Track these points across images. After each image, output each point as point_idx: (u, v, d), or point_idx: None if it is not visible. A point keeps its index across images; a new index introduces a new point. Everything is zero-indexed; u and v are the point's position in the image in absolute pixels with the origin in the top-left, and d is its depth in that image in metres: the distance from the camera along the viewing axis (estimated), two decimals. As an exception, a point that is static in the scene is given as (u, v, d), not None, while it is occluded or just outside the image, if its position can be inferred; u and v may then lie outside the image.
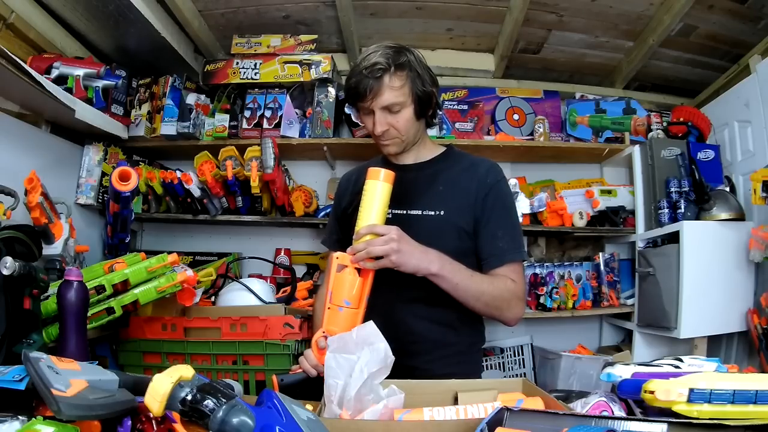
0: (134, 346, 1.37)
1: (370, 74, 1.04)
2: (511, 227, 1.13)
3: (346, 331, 0.89)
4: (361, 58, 1.09)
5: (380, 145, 1.14)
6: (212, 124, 2.05)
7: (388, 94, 1.05)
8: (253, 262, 2.14)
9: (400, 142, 1.12)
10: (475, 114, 2.31)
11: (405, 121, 1.09)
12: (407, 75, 1.07)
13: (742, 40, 2.00)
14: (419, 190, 1.15)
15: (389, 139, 1.11)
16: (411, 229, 1.03)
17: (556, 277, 2.09)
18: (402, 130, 1.10)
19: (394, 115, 1.08)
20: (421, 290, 1.06)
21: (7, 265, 0.88)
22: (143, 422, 0.64)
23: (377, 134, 1.09)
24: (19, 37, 1.58)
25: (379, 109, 1.07)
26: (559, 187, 2.24)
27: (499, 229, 1.10)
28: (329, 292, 0.97)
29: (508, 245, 1.09)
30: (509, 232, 1.11)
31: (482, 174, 1.14)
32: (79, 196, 1.84)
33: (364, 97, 1.06)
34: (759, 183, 1.56)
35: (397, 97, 1.06)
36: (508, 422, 0.63)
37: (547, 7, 1.92)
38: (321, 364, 0.90)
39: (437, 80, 1.16)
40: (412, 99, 1.08)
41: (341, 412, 0.74)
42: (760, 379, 0.64)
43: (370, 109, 1.08)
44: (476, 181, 1.13)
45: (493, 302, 1.07)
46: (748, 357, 1.79)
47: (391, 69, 1.05)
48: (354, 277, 0.97)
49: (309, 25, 2.08)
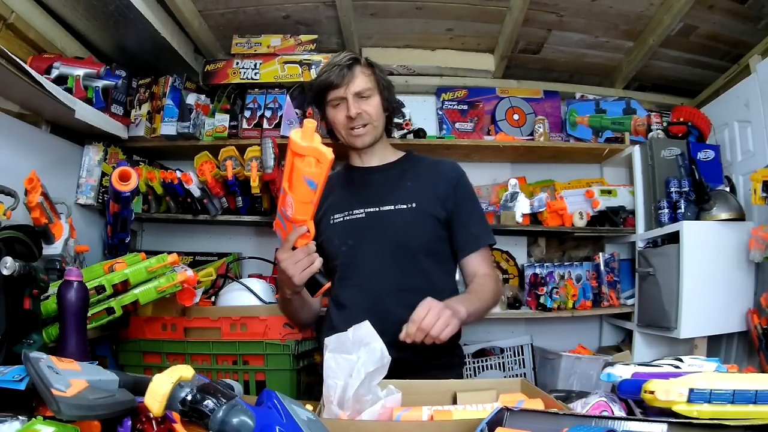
0: (134, 346, 1.37)
1: (343, 64, 1.15)
2: (480, 216, 1.23)
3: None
4: (327, 62, 1.20)
5: (351, 137, 1.19)
6: (212, 124, 2.04)
7: (360, 80, 1.16)
8: (253, 262, 2.14)
9: (372, 129, 1.19)
10: (475, 114, 2.31)
11: (375, 107, 1.19)
12: (372, 70, 1.20)
13: (742, 40, 2.00)
14: (388, 188, 1.20)
15: (361, 125, 1.18)
16: (387, 223, 1.11)
17: (556, 277, 2.09)
18: (374, 116, 1.18)
19: (366, 100, 1.17)
20: (410, 280, 1.12)
21: (7, 265, 0.88)
22: (143, 422, 0.64)
23: (352, 116, 1.15)
24: (19, 37, 1.58)
25: (352, 95, 1.15)
26: (559, 187, 2.24)
27: (471, 219, 1.18)
28: (290, 174, 0.91)
29: (480, 231, 1.19)
30: (479, 221, 1.21)
31: (446, 171, 1.22)
32: (79, 196, 1.84)
33: (339, 85, 1.15)
34: (759, 183, 1.56)
35: (368, 83, 1.17)
36: (508, 422, 0.63)
37: (547, 7, 1.92)
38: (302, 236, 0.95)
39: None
40: (378, 90, 1.19)
41: (341, 413, 0.74)
42: (760, 379, 0.64)
43: (343, 97, 1.16)
44: (442, 176, 1.21)
45: (491, 307, 1.15)
46: (748, 357, 1.78)
47: (361, 61, 1.19)
48: (314, 168, 0.88)
49: (309, 25, 2.08)
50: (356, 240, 1.15)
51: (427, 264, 1.16)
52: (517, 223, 2.08)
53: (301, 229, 0.95)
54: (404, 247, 1.14)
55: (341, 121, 1.18)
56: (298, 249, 0.96)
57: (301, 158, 0.88)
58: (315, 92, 1.22)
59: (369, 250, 1.14)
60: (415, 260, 1.14)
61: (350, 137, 1.20)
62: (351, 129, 1.18)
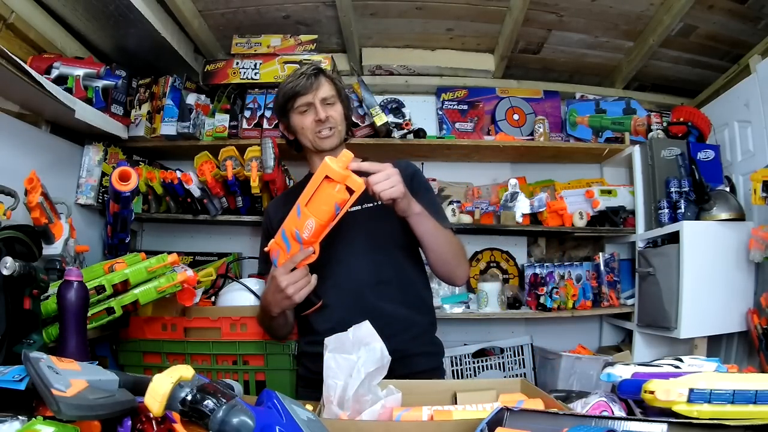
0: (134, 346, 1.37)
1: (309, 73, 1.23)
2: (435, 204, 1.28)
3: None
4: (292, 73, 1.26)
5: (319, 140, 1.25)
6: (212, 124, 2.04)
7: (325, 87, 1.25)
8: (253, 262, 2.12)
9: (337, 132, 1.26)
10: (475, 114, 2.31)
11: (339, 113, 1.27)
12: (333, 81, 1.29)
13: (742, 40, 2.00)
14: None
15: (329, 128, 1.24)
16: (357, 221, 1.17)
17: (556, 277, 2.09)
18: (338, 120, 1.26)
19: (331, 106, 1.25)
20: (385, 272, 1.18)
21: (7, 265, 0.88)
22: (143, 422, 0.64)
23: (322, 119, 1.22)
24: (19, 37, 1.58)
25: (319, 100, 1.23)
26: (559, 187, 2.24)
27: (429, 207, 1.19)
28: (312, 196, 0.98)
29: (439, 218, 1.21)
30: (435, 209, 1.24)
31: (402, 167, 1.25)
32: (79, 196, 1.84)
33: (307, 91, 1.22)
34: (759, 183, 1.56)
35: (332, 91, 1.26)
36: (508, 422, 0.63)
37: (547, 7, 1.92)
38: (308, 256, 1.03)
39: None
40: (340, 99, 1.28)
41: (341, 413, 0.74)
42: (760, 379, 0.64)
43: (311, 103, 1.23)
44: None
45: (458, 251, 1.23)
46: (748, 357, 1.78)
47: (325, 72, 1.28)
48: (345, 194, 0.97)
49: (309, 25, 2.08)
50: (328, 241, 1.15)
51: (399, 256, 1.23)
52: (517, 223, 2.08)
53: (308, 251, 1.02)
54: (375, 242, 1.20)
55: (309, 126, 1.24)
56: (298, 269, 1.04)
57: (332, 184, 0.95)
58: (282, 100, 1.27)
59: (342, 250, 1.19)
60: (388, 253, 1.21)
61: (317, 140, 1.25)
62: (318, 132, 1.24)
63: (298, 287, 1.04)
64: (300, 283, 1.04)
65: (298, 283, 1.04)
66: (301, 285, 1.04)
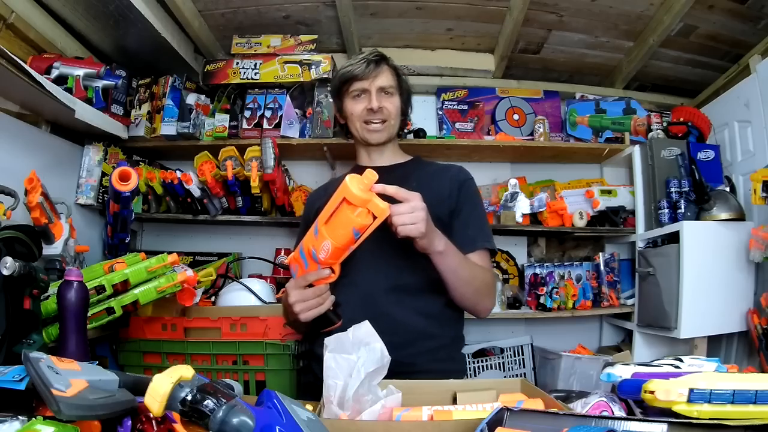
0: (134, 346, 1.37)
1: (371, 58, 1.16)
2: (480, 218, 1.19)
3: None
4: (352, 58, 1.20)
5: (366, 131, 1.19)
6: (212, 124, 2.04)
7: (385, 75, 1.18)
8: (253, 262, 2.13)
9: (388, 126, 1.20)
10: (475, 114, 2.31)
11: (395, 106, 1.20)
12: (397, 72, 1.22)
13: (742, 40, 2.00)
14: None
15: (380, 121, 1.18)
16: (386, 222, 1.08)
17: (556, 277, 2.09)
18: (393, 113, 1.19)
19: (388, 97, 1.19)
20: (405, 278, 1.09)
21: (7, 265, 0.88)
22: (143, 422, 0.64)
23: (374, 109, 1.16)
24: (19, 37, 1.58)
25: (376, 88, 1.17)
26: (559, 187, 2.24)
27: (470, 219, 1.15)
28: (330, 216, 0.90)
29: (477, 234, 1.14)
30: (478, 223, 1.16)
31: (454, 173, 1.21)
32: (79, 196, 1.84)
33: (364, 77, 1.15)
34: (759, 183, 1.56)
35: (392, 81, 1.19)
36: (508, 422, 0.63)
37: (547, 7, 1.92)
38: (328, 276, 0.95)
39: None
40: (400, 92, 1.22)
41: (341, 413, 0.74)
42: (760, 379, 0.64)
43: (366, 89, 1.17)
44: (448, 179, 1.19)
45: (481, 287, 1.11)
46: (748, 357, 1.78)
47: (388, 60, 1.20)
48: (365, 219, 0.87)
49: (309, 25, 2.08)
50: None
51: (426, 263, 1.12)
52: (517, 223, 2.08)
53: (323, 272, 0.94)
54: (403, 245, 1.10)
55: (359, 113, 1.18)
56: (311, 289, 0.96)
57: (352, 208, 0.86)
58: (338, 82, 1.21)
59: (365, 248, 1.11)
60: (413, 258, 1.10)
61: (365, 131, 1.19)
62: (367, 123, 1.18)
63: (307, 306, 0.96)
64: (310, 303, 0.96)
65: (307, 303, 0.96)
66: (311, 305, 0.96)
